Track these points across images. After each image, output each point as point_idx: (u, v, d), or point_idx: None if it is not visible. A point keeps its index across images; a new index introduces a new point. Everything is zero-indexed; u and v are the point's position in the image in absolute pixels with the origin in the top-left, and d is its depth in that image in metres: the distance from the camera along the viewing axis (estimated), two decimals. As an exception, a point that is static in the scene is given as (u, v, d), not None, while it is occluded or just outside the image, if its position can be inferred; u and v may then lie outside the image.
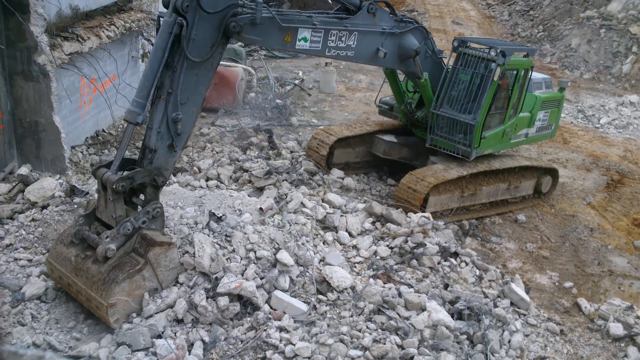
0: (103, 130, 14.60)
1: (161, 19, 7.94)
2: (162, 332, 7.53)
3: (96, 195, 8.26)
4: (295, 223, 9.92)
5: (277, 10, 9.55)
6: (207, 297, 7.91)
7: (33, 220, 9.62)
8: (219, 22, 8.25)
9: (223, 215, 9.33)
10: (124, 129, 8.25)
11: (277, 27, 9.51)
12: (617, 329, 9.66)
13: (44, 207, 9.91)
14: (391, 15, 11.60)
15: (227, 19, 8.30)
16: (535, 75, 14.49)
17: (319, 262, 9.26)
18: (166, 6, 7.93)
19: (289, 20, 9.78)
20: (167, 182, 9.19)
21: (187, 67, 7.98)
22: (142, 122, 7.84)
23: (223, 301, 7.87)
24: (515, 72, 12.87)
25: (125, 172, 7.80)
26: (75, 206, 9.93)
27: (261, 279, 8.37)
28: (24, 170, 11.05)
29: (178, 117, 8.00)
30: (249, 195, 11.10)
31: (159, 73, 7.77)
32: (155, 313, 7.81)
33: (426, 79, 12.59)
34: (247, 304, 8.11)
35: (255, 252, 8.66)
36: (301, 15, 10.13)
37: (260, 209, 10.05)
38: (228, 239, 8.89)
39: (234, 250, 8.69)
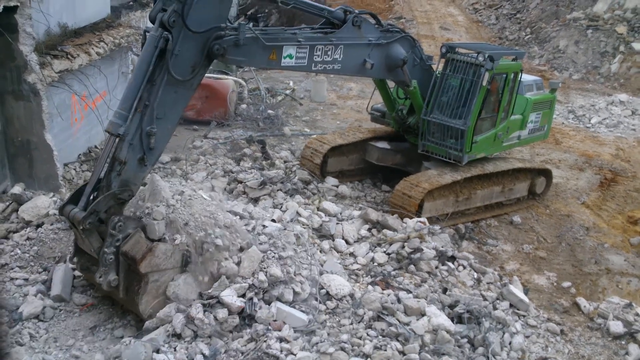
0: (95, 147, 14.55)
1: (147, 33, 7.95)
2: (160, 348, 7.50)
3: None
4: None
5: (260, 29, 9.54)
6: (204, 311, 7.87)
7: (28, 239, 9.56)
8: (202, 43, 8.25)
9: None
10: (104, 143, 8.08)
11: (261, 47, 9.51)
12: (617, 326, 9.67)
13: (38, 226, 9.85)
14: (377, 26, 11.62)
15: (211, 42, 8.30)
16: (526, 77, 14.57)
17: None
18: (152, 21, 7.96)
19: (273, 38, 9.77)
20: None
21: (167, 83, 7.94)
22: (123, 134, 7.71)
23: (222, 313, 7.84)
24: (504, 75, 12.93)
25: (89, 205, 7.66)
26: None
27: (264, 292, 8.33)
28: (17, 189, 10.98)
29: (152, 131, 7.89)
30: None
31: (142, 86, 7.74)
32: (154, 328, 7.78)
33: (415, 86, 12.63)
34: (246, 316, 8.07)
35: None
36: (285, 32, 10.12)
37: (273, 220, 10.05)
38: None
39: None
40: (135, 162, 7.93)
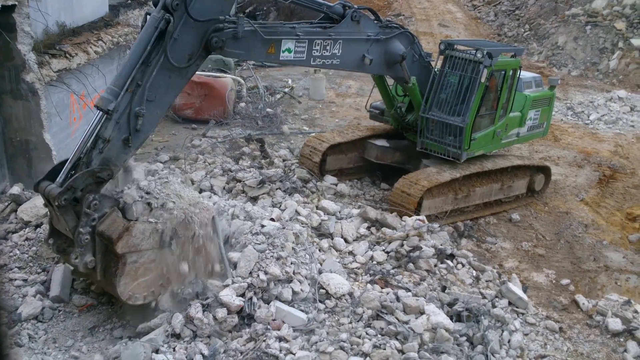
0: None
1: (148, 15, 7.96)
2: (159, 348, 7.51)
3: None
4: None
5: (259, 23, 9.55)
6: (204, 310, 7.88)
7: (27, 239, 9.56)
8: (201, 33, 8.28)
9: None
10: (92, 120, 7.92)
11: (260, 40, 9.52)
12: (615, 324, 9.69)
13: (37, 226, 9.85)
14: (376, 22, 11.61)
15: (209, 34, 8.33)
16: (525, 74, 14.56)
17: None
18: (155, 4, 7.98)
19: (272, 32, 9.78)
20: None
21: (162, 66, 7.94)
22: (113, 110, 7.61)
23: (221, 313, 7.85)
24: (503, 72, 12.92)
25: (66, 182, 7.44)
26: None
27: (263, 291, 8.34)
28: (15, 189, 10.97)
29: (141, 112, 7.84)
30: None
31: (137, 65, 7.74)
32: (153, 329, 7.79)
33: (414, 83, 12.61)
34: (245, 316, 8.08)
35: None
36: (284, 26, 10.14)
37: (272, 219, 10.06)
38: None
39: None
40: (119, 141, 7.80)
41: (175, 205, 8.13)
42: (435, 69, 13.10)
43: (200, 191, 12.51)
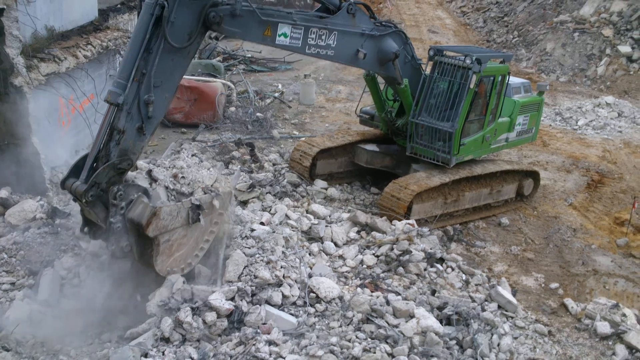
0: (83, 150, 14.47)
1: (143, 2, 8.00)
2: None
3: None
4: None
5: (257, 5, 9.61)
6: (193, 314, 7.84)
7: (15, 243, 9.49)
8: (198, 11, 8.34)
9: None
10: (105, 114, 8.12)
11: (257, 21, 9.60)
12: (604, 327, 9.73)
13: (25, 230, 9.78)
14: (371, 19, 11.71)
15: (207, 9, 8.39)
16: (514, 80, 14.66)
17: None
18: None
19: (269, 14, 9.87)
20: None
21: (164, 51, 7.99)
22: (122, 103, 7.76)
23: (210, 317, 7.81)
24: (492, 78, 13.01)
25: (90, 177, 7.70)
26: (58, 228, 9.80)
27: (252, 295, 8.32)
28: (3, 193, 10.90)
29: (150, 99, 7.95)
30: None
31: (140, 54, 7.78)
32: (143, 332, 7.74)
33: (406, 84, 12.67)
34: (234, 320, 8.04)
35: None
36: (281, 11, 10.20)
37: (262, 223, 10.04)
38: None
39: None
40: (133, 131, 7.97)
41: (198, 184, 8.65)
42: (424, 74, 13.16)
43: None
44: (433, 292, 9.63)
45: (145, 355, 7.39)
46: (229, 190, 9.08)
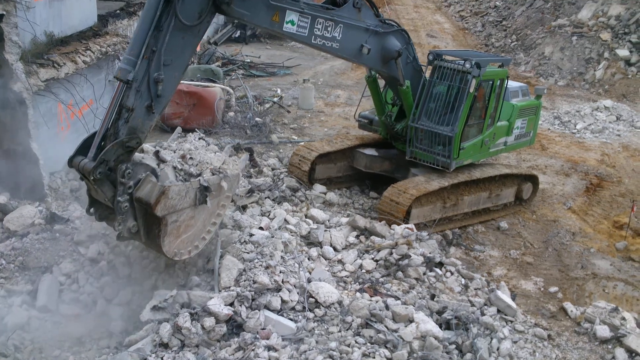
0: (82, 156, 14.47)
1: None
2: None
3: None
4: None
5: None
6: (192, 320, 7.83)
7: (13, 249, 9.48)
8: None
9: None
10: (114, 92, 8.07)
11: (265, 5, 9.64)
12: (603, 331, 9.73)
13: (24, 236, 9.77)
14: (375, 16, 11.77)
15: None
16: (512, 83, 14.68)
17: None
18: None
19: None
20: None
21: (175, 28, 7.96)
22: (132, 80, 7.71)
23: (209, 322, 7.80)
24: (491, 82, 13.03)
25: (98, 155, 7.62)
26: (57, 234, 9.80)
27: (252, 300, 8.31)
28: (2, 198, 10.90)
29: (160, 77, 7.92)
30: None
31: (150, 32, 7.74)
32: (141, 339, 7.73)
33: (408, 86, 12.71)
34: (233, 325, 8.04)
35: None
36: None
37: (261, 228, 10.04)
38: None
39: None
40: (142, 109, 7.93)
41: (206, 166, 8.58)
42: (424, 77, 13.18)
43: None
44: (432, 297, 9.62)
45: (144, 361, 7.38)
46: (237, 173, 9.00)
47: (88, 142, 7.99)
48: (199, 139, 9.60)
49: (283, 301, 8.49)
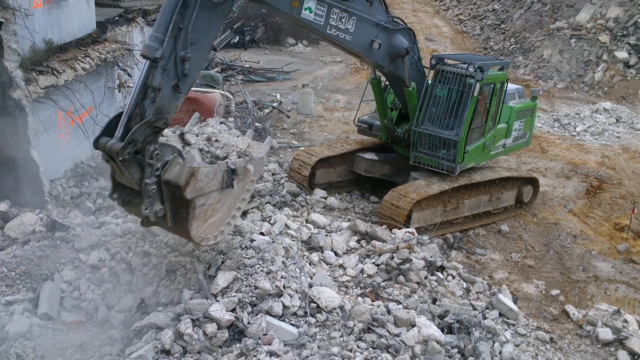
0: (82, 162, 14.47)
1: None
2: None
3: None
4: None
5: None
6: (194, 326, 7.81)
7: (14, 257, 9.45)
8: None
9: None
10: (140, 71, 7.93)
11: None
12: (606, 333, 9.72)
13: (25, 243, 9.76)
14: (385, 13, 11.88)
15: None
16: (509, 86, 14.72)
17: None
18: None
19: None
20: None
21: (201, 5, 7.89)
22: (160, 58, 7.57)
23: (211, 328, 7.78)
24: (492, 85, 13.08)
25: (125, 136, 7.44)
26: (58, 242, 9.78)
27: (253, 306, 8.29)
28: (2, 206, 10.88)
29: (187, 56, 7.81)
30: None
31: (177, 9, 7.65)
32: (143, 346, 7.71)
33: (414, 87, 12.74)
34: (235, 331, 8.02)
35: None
36: None
37: (261, 233, 10.03)
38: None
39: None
40: (169, 88, 7.80)
41: (232, 149, 8.45)
42: (427, 82, 13.21)
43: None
44: (434, 301, 9.61)
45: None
46: (261, 156, 8.83)
47: (112, 123, 7.82)
48: (220, 122, 9.46)
49: (285, 306, 8.47)
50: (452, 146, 12.63)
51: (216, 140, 8.78)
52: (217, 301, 8.14)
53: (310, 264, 10.13)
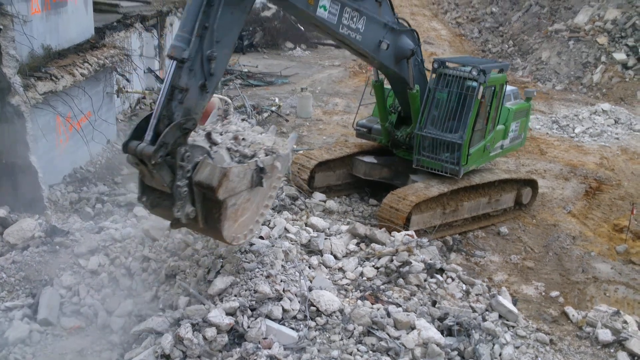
0: (81, 168, 14.48)
1: None
2: None
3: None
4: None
5: None
6: (193, 330, 7.80)
7: (13, 262, 9.44)
8: None
9: None
10: (166, 71, 7.88)
11: None
12: (605, 335, 9.71)
13: (24, 249, 9.75)
14: (392, 13, 11.96)
15: None
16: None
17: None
18: None
19: None
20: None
21: (225, 3, 7.79)
22: (187, 58, 7.47)
23: (210, 332, 7.77)
24: (493, 88, 13.12)
25: (156, 139, 7.32)
26: (57, 247, 9.79)
27: (253, 310, 8.29)
28: (1, 212, 10.86)
29: (213, 55, 7.71)
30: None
31: (202, 7, 7.56)
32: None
33: (417, 89, 12.77)
34: (235, 335, 8.01)
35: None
36: None
37: (261, 237, 10.02)
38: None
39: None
40: (196, 89, 7.70)
41: (259, 146, 8.38)
42: (429, 85, 13.24)
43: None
44: (434, 303, 9.60)
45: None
46: (287, 153, 8.73)
47: (141, 126, 7.68)
48: (242, 120, 9.40)
49: (284, 310, 8.46)
50: (456, 149, 12.66)
51: (243, 139, 8.66)
52: (216, 306, 8.13)
53: (309, 267, 10.12)
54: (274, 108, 21.73)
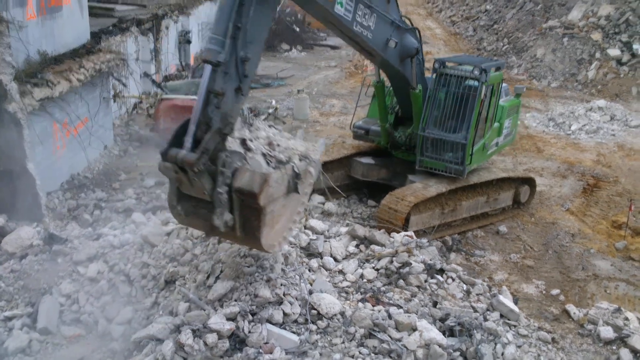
0: (78, 174, 14.44)
1: None
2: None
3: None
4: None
5: None
6: (194, 336, 7.78)
7: (12, 271, 9.41)
8: None
9: None
10: (200, 74, 7.62)
11: None
12: (607, 332, 9.70)
13: (22, 257, 9.71)
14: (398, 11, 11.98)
15: None
16: None
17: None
18: None
19: None
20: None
21: (258, 2, 7.61)
22: (223, 62, 7.26)
23: (211, 338, 7.75)
24: (492, 87, 13.14)
25: (197, 145, 7.15)
26: (56, 255, 9.74)
27: (253, 314, 8.26)
28: (-1, 220, 10.86)
29: (247, 56, 7.53)
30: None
31: (235, 7, 7.36)
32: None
33: (420, 89, 12.75)
34: (236, 340, 7.99)
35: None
36: None
37: None
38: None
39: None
40: (232, 92, 7.52)
41: (293, 152, 8.30)
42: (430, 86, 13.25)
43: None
44: (435, 304, 9.58)
45: (148, 380, 7.33)
46: (318, 158, 8.66)
47: (179, 133, 7.48)
48: (269, 126, 9.30)
49: (285, 314, 8.43)
50: (459, 149, 12.66)
51: (277, 145, 8.57)
52: (216, 311, 8.10)
53: (309, 270, 10.09)
54: (271, 110, 21.69)
